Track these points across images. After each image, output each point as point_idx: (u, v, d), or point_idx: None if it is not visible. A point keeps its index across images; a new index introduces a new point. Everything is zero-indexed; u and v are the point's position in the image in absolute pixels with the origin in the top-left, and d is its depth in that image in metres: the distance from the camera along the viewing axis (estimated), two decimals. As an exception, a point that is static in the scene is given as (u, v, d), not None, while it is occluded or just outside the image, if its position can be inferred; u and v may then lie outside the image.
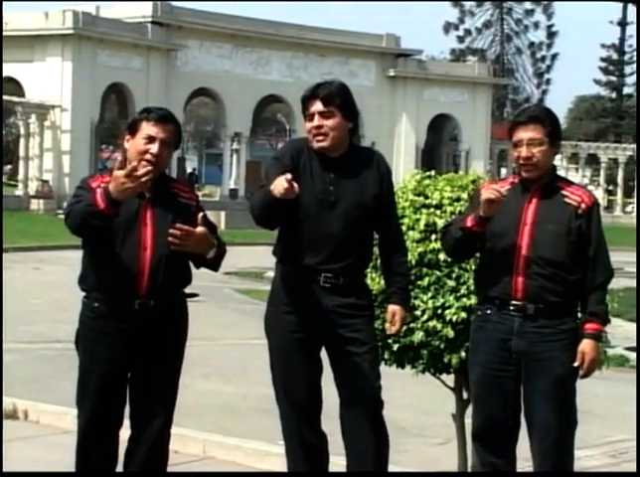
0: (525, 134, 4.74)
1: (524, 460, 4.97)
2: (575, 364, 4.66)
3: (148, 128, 4.74)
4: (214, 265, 4.83)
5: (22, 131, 47.30)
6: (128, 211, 4.70)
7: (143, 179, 4.45)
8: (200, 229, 4.60)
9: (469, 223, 4.76)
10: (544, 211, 4.73)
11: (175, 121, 4.86)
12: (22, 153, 46.90)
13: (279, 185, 4.53)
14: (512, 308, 4.71)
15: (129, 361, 4.79)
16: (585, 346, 4.67)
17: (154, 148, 4.71)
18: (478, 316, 4.88)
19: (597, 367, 4.81)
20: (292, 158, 4.87)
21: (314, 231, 4.82)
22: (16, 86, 47.11)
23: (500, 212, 4.76)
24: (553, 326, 4.70)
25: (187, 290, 4.98)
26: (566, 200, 4.74)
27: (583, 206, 4.73)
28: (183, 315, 4.91)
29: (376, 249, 5.14)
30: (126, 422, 4.93)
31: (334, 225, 4.82)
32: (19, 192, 45.00)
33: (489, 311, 4.79)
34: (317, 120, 4.83)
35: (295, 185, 4.52)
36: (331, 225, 4.82)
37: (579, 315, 4.82)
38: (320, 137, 4.83)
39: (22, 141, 47.27)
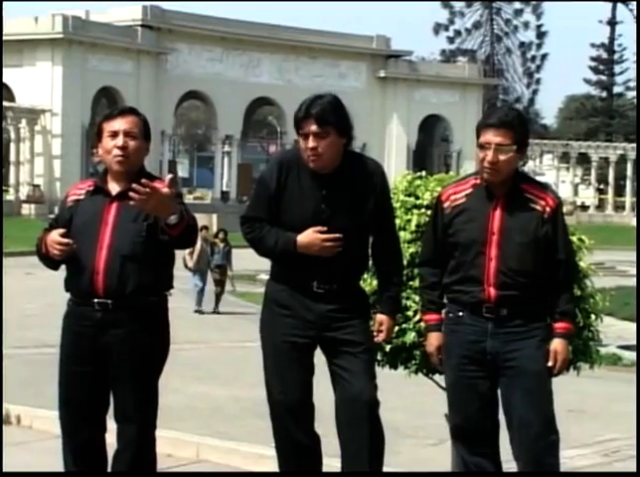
0: (494, 138, 4.70)
1: (504, 462, 4.96)
2: (549, 363, 4.70)
3: (110, 125, 4.77)
4: (181, 240, 4.61)
5: (12, 136, 47.27)
6: (92, 210, 4.77)
7: (58, 253, 4.65)
8: (165, 189, 4.47)
9: (429, 322, 4.95)
10: (510, 219, 4.72)
11: (137, 114, 4.85)
12: (13, 158, 46.90)
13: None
14: (485, 311, 4.74)
15: (97, 363, 4.77)
16: (557, 345, 4.71)
17: (118, 141, 4.73)
18: (450, 319, 4.88)
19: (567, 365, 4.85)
20: (279, 178, 4.83)
21: None
22: (6, 91, 47.05)
23: (466, 219, 4.77)
24: (526, 325, 4.74)
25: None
26: (532, 205, 4.73)
27: (548, 210, 4.72)
28: (154, 320, 4.83)
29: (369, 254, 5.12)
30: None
31: None
32: (10, 197, 44.96)
33: (461, 313, 4.81)
34: (312, 142, 4.76)
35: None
36: None
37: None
38: (315, 158, 4.78)
39: (12, 146, 47.24)
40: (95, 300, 4.72)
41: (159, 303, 4.84)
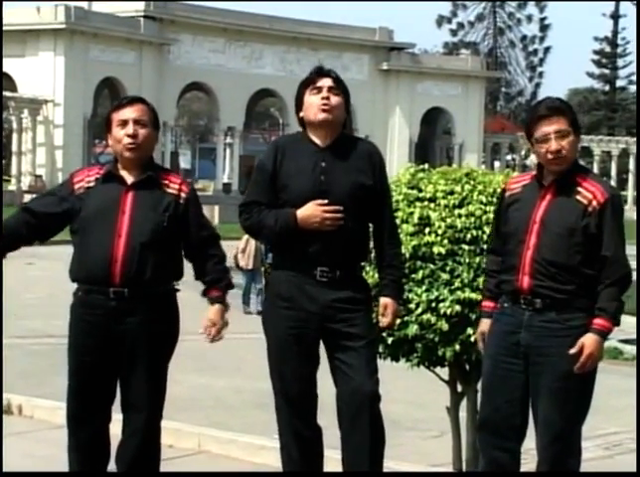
0: (550, 127, 4.62)
1: (523, 452, 4.96)
2: (572, 351, 4.52)
3: (119, 114, 4.80)
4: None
5: (14, 126, 47.25)
6: (107, 198, 4.75)
7: None
8: (212, 315, 4.97)
9: (481, 308, 5.00)
10: (553, 209, 4.66)
11: (145, 102, 4.88)
12: (15, 148, 46.87)
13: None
14: (522, 302, 4.69)
15: (109, 352, 4.77)
16: (586, 339, 4.54)
17: (129, 129, 4.75)
18: (497, 309, 4.86)
19: (595, 364, 4.60)
20: (276, 159, 4.87)
21: None
22: (8, 81, 46.99)
23: (516, 208, 4.74)
24: (561, 322, 4.63)
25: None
26: (578, 197, 4.63)
27: (594, 203, 4.60)
28: (167, 309, 4.86)
29: (370, 243, 5.13)
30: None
31: None
32: (12, 187, 44.95)
33: (506, 304, 4.77)
34: (326, 92, 4.85)
35: None
36: None
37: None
38: (327, 108, 4.83)
39: (15, 136, 47.22)
40: (111, 289, 4.70)
41: (172, 291, 4.87)
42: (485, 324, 4.90)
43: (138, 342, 4.74)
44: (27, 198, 43.68)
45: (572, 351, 4.54)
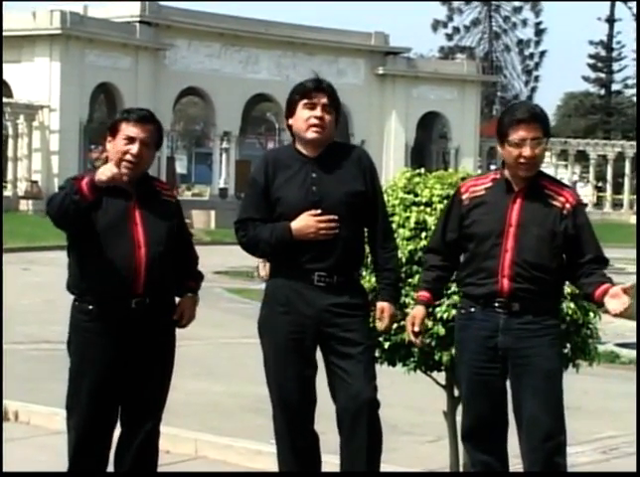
0: (529, 134, 4.66)
1: (513, 457, 4.96)
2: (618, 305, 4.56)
3: (128, 129, 4.76)
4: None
5: (10, 132, 47.17)
6: (116, 211, 4.75)
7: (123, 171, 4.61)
8: (183, 308, 4.94)
9: (417, 298, 4.98)
10: (529, 212, 4.70)
11: (155, 121, 4.87)
12: (10, 154, 46.76)
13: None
14: (497, 305, 4.71)
15: (123, 361, 4.78)
16: (618, 290, 4.59)
17: (134, 148, 4.73)
18: (462, 315, 4.86)
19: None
20: (267, 172, 4.89)
21: None
22: (4, 87, 46.93)
23: (484, 211, 4.76)
24: (538, 322, 4.70)
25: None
26: (551, 200, 4.72)
27: (568, 206, 4.72)
28: (172, 312, 4.94)
29: (366, 247, 5.13)
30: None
31: None
32: (8, 193, 44.83)
33: (473, 309, 4.78)
34: (320, 111, 4.84)
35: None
36: None
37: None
38: (319, 129, 4.84)
39: (10, 142, 47.15)
40: (134, 300, 4.71)
41: (175, 296, 4.94)
42: (418, 310, 4.91)
43: (155, 348, 4.79)
44: (23, 204, 43.69)
45: (625, 301, 4.58)
